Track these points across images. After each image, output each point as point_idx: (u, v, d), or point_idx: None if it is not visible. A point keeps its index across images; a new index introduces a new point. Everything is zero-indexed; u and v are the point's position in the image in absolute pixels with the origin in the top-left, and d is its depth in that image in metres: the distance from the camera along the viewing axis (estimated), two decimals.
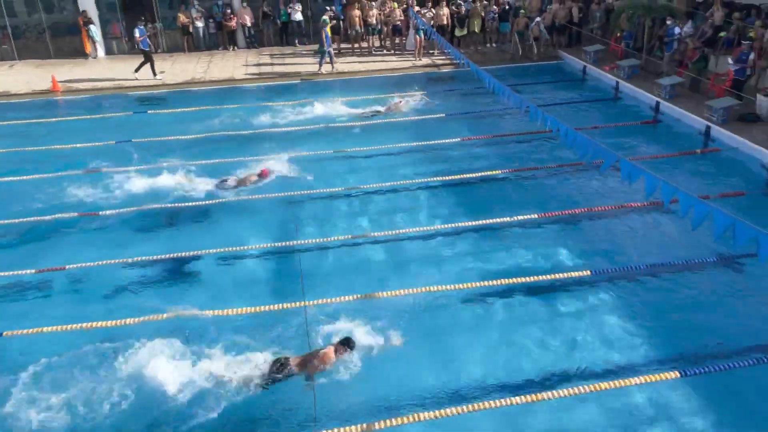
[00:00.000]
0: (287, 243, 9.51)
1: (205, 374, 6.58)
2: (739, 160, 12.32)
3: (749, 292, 8.20)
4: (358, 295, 8.01)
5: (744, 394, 6.52)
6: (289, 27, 21.92)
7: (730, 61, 14.62)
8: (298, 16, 21.56)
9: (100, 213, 10.49)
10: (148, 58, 18.38)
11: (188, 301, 8.00)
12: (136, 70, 18.41)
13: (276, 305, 7.91)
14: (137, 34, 18.14)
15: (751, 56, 14.11)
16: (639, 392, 6.50)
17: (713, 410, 6.29)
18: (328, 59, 18.94)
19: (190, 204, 10.76)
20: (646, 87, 16.10)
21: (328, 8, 20.38)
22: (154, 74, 18.51)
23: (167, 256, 9.11)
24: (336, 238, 9.62)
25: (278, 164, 11.97)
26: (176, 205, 10.76)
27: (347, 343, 6.81)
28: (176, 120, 15.51)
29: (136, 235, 9.93)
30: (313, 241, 9.54)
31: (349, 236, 9.64)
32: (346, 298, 7.97)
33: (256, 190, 11.19)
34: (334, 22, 19.44)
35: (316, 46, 21.32)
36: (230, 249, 9.28)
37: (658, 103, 15.22)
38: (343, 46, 21.38)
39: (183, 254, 9.13)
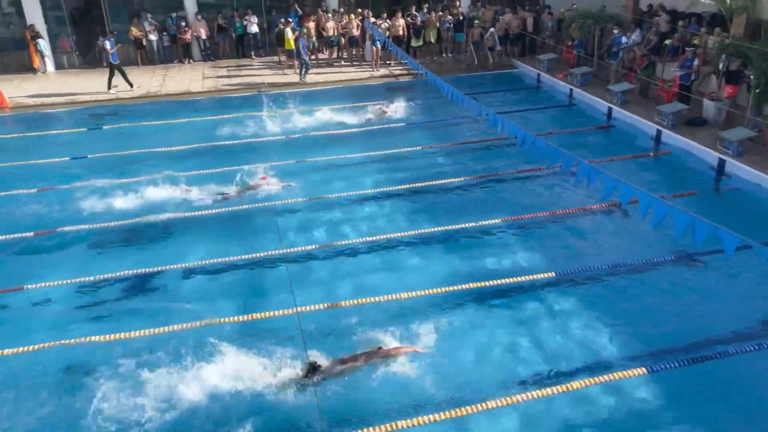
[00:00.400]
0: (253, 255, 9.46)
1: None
2: (689, 162, 12.81)
3: (709, 288, 8.51)
4: (326, 304, 8.03)
5: (710, 387, 6.74)
6: (245, 39, 21.79)
7: (674, 67, 15.23)
8: (254, 29, 21.47)
9: (58, 230, 10.23)
10: (120, 71, 18.18)
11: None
12: (110, 87, 18.17)
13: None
14: (108, 46, 17.91)
15: (696, 62, 14.73)
16: (606, 391, 6.65)
17: (680, 405, 6.50)
18: (305, 68, 19.14)
19: (151, 219, 10.57)
20: (598, 94, 16.62)
21: (284, 20, 20.35)
22: (131, 85, 18.37)
23: (126, 273, 8.96)
24: (300, 249, 9.60)
25: (243, 176, 11.91)
26: (137, 220, 10.56)
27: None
28: (133, 134, 15.24)
29: (99, 253, 9.70)
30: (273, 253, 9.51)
31: (316, 246, 9.65)
32: (312, 307, 8.00)
33: (213, 205, 11.07)
34: (297, 32, 19.44)
35: (273, 58, 21.34)
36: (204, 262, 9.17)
37: (610, 108, 15.72)
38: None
39: (144, 271, 8.98)
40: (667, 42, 16.36)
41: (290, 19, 20.46)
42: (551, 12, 20.87)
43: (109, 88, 18.09)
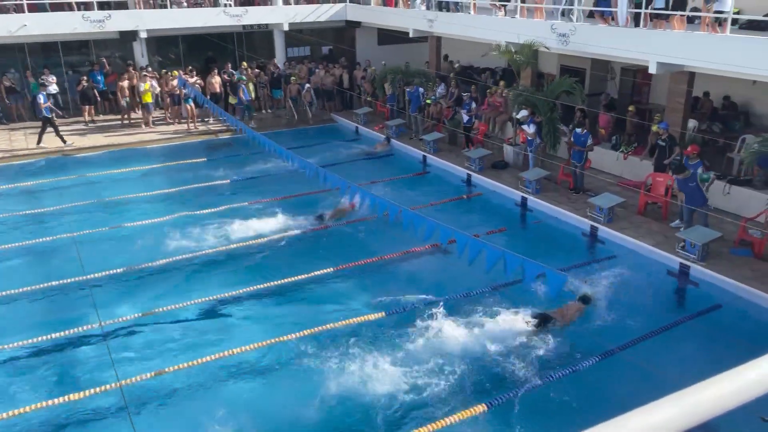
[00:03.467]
0: None
1: None
2: (497, 201, 14.06)
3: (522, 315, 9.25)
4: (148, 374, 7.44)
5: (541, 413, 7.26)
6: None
7: (463, 111, 16.83)
8: (53, 89, 19.84)
9: None
10: (53, 125, 17.29)
11: None
12: (39, 142, 17.29)
13: None
14: (41, 100, 16.72)
15: (473, 105, 16.49)
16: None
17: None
18: (248, 113, 19.65)
19: None
20: (412, 143, 17.72)
21: (85, 78, 19.15)
22: (63, 141, 17.45)
23: None
24: (122, 319, 8.86)
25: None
26: None
27: (585, 300, 8.75)
28: None
29: None
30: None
31: (139, 314, 8.97)
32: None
33: None
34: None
35: (79, 118, 19.86)
36: None
37: (425, 156, 16.82)
38: (111, 117, 20.24)
39: None
40: (466, 94, 18.01)
41: (98, 78, 19.38)
42: (361, 69, 22.04)
43: (63, 141, 17.41)
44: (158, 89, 19.89)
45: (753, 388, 1.20)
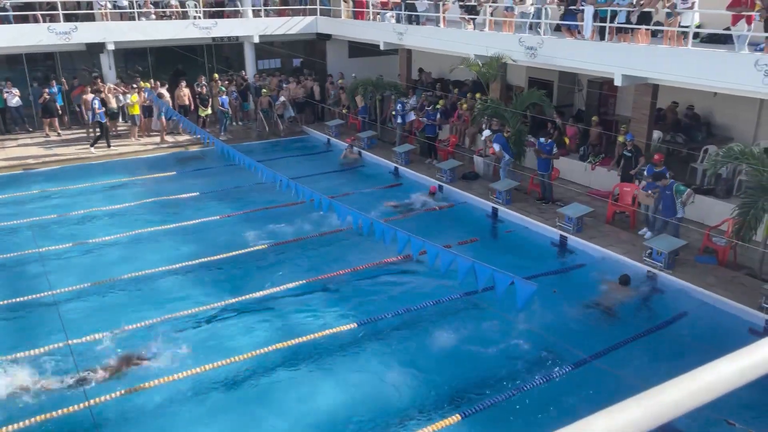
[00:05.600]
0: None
1: None
2: (469, 212, 14.15)
3: (494, 323, 9.32)
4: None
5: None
6: (7, 113, 19.65)
7: (425, 119, 16.98)
8: (16, 101, 19.43)
9: None
10: (104, 130, 18.03)
11: None
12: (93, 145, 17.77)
13: None
14: (96, 105, 17.51)
15: (438, 116, 16.91)
16: None
17: None
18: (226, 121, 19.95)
19: None
20: (384, 155, 17.78)
21: (47, 90, 18.81)
22: (109, 146, 17.91)
23: None
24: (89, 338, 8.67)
25: None
26: None
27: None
28: None
29: None
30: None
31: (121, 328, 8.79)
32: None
33: None
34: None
35: (39, 133, 19.47)
36: None
37: (396, 168, 16.87)
38: (76, 130, 19.94)
39: None
40: (439, 106, 18.18)
41: (54, 90, 19.06)
42: (332, 82, 22.10)
43: None
44: (122, 102, 19.74)
45: (713, 388, 1.23)
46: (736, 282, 10.11)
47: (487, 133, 15.10)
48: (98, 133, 18.47)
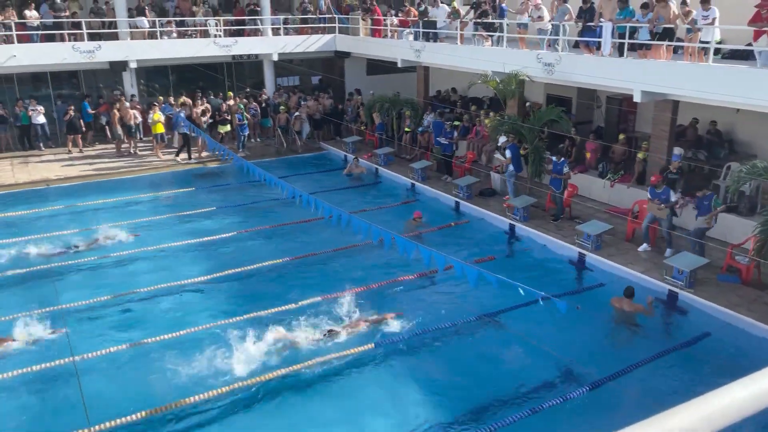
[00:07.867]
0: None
1: None
2: (485, 229, 14.04)
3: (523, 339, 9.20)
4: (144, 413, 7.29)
5: None
6: (32, 130, 20.02)
7: (443, 140, 16.91)
8: (41, 119, 19.80)
9: None
10: (187, 141, 18.96)
11: None
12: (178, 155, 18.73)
13: None
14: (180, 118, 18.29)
15: (455, 135, 16.74)
16: None
17: None
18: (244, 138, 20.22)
19: None
20: (401, 171, 17.77)
21: (73, 108, 19.16)
22: (189, 158, 18.68)
23: None
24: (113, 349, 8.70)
25: None
26: None
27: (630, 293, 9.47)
28: None
29: None
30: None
31: (127, 345, 8.81)
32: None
33: None
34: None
35: (62, 150, 19.78)
36: None
37: (413, 184, 16.85)
38: (102, 146, 20.29)
39: None
40: (458, 123, 18.17)
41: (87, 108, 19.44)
42: (350, 99, 22.22)
43: None
44: (140, 119, 20.06)
45: (726, 414, 1.17)
46: (760, 302, 9.87)
47: (503, 139, 14.99)
48: (182, 144, 19.25)
